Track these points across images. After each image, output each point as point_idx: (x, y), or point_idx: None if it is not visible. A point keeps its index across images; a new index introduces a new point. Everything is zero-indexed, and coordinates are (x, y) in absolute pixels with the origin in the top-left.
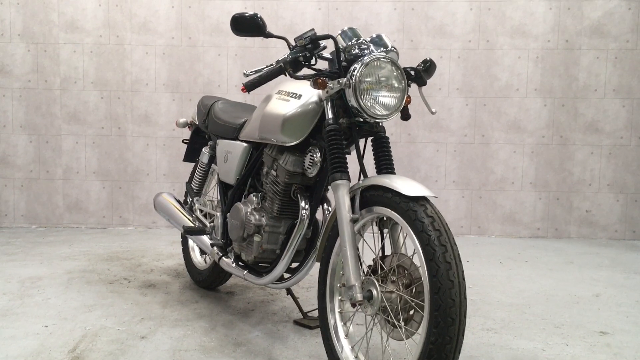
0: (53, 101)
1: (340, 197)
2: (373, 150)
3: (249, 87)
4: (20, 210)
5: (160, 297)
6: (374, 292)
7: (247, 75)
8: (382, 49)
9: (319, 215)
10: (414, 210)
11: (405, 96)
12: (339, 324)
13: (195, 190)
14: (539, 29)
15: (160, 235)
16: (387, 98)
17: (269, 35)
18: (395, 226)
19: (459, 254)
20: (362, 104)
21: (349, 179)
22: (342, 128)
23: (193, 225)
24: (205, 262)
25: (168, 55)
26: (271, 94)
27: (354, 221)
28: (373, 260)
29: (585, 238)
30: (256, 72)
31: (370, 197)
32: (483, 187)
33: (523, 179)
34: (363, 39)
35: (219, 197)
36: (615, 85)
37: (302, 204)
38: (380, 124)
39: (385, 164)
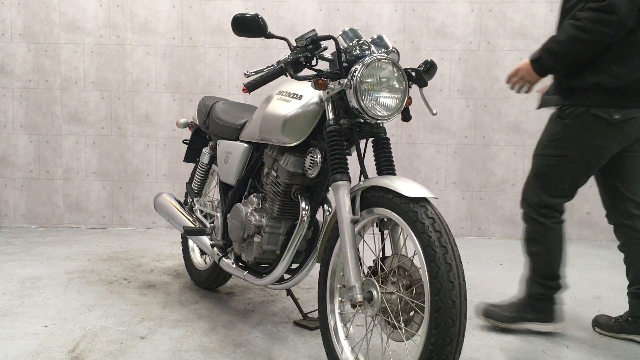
0: (53, 101)
1: (340, 198)
2: (374, 151)
3: (249, 87)
4: (20, 210)
5: (160, 297)
6: (374, 293)
7: (247, 76)
8: (383, 49)
9: (319, 216)
10: (415, 211)
11: (406, 97)
12: (339, 325)
13: (195, 191)
14: (540, 31)
15: (160, 235)
16: (387, 99)
17: (270, 36)
18: (395, 227)
19: (459, 256)
20: (362, 104)
21: (349, 180)
22: (342, 129)
23: (193, 226)
24: (205, 262)
25: (169, 55)
26: (272, 95)
27: (354, 222)
28: (373, 261)
29: (586, 240)
30: (257, 72)
31: (370, 198)
32: (483, 188)
33: (524, 180)
34: (364, 40)
35: (219, 198)
36: None
37: (303, 204)
38: (381, 124)
39: (385, 165)
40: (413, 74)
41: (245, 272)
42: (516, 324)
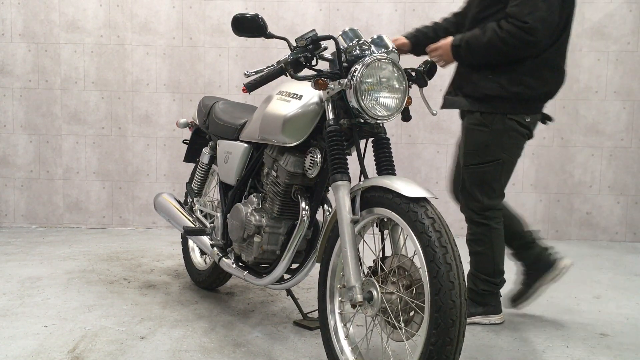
0: (53, 101)
1: (340, 198)
2: (374, 151)
3: (249, 87)
4: (20, 210)
5: (160, 297)
6: (374, 293)
7: (247, 76)
8: (383, 49)
9: (319, 216)
10: (415, 211)
11: (406, 97)
12: (339, 325)
13: (195, 191)
14: None
15: (160, 235)
16: (387, 99)
17: (270, 36)
18: (395, 227)
19: (459, 256)
20: (362, 104)
21: (349, 180)
22: (342, 129)
23: (193, 226)
24: (205, 262)
25: (169, 55)
26: (272, 95)
27: (354, 222)
28: (373, 261)
29: (586, 240)
30: (257, 72)
31: (370, 198)
32: None
33: (524, 180)
34: (364, 40)
35: (219, 198)
36: (616, 87)
37: (303, 204)
38: (381, 124)
39: (385, 165)
40: (413, 74)
41: (245, 272)
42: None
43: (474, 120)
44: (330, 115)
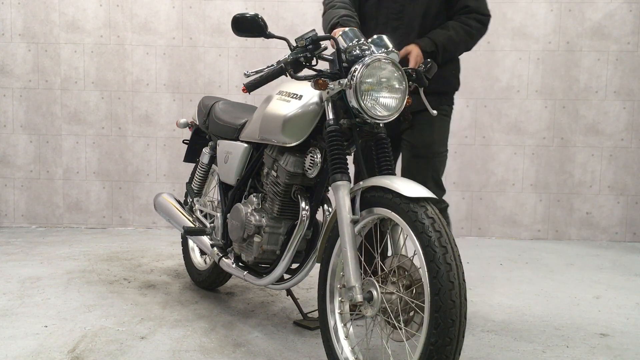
0: (53, 101)
1: (340, 198)
2: (374, 151)
3: (249, 87)
4: (20, 210)
5: (160, 297)
6: (374, 293)
7: (247, 76)
8: (382, 49)
9: (319, 216)
10: (415, 211)
11: (406, 97)
12: (339, 325)
13: (195, 191)
14: (540, 31)
15: (160, 235)
16: (387, 99)
17: (270, 36)
18: (395, 227)
19: (459, 255)
20: (362, 104)
21: (349, 180)
22: (342, 129)
23: (193, 226)
24: (205, 262)
25: (169, 55)
26: (272, 95)
27: (354, 222)
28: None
29: (586, 240)
30: (257, 72)
31: (370, 198)
32: (483, 188)
33: (523, 180)
34: (364, 40)
35: (219, 198)
36: (616, 87)
37: (303, 204)
38: (380, 125)
39: (385, 165)
40: (413, 74)
41: (245, 272)
42: None
43: (442, 112)
44: (330, 115)
